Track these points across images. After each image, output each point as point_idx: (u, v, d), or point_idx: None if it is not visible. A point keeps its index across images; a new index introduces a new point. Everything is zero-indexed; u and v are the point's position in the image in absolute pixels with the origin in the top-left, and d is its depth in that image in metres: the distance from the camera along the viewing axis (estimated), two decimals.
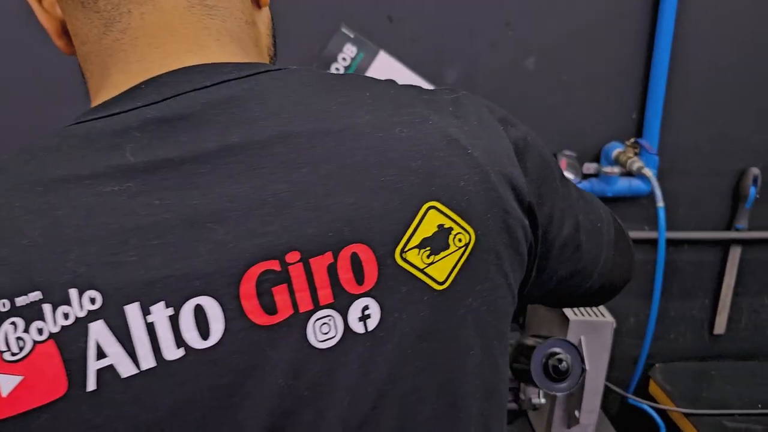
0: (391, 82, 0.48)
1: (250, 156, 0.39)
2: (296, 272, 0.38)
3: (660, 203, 1.10)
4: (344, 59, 1.23)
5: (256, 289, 0.38)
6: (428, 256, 0.41)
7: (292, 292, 0.39)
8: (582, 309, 0.96)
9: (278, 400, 0.39)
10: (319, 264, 0.39)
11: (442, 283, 0.42)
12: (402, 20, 1.22)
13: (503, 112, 0.51)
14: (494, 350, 0.46)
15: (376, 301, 0.40)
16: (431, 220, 0.41)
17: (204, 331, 0.37)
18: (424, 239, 0.41)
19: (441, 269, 0.42)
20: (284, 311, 0.39)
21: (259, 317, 0.38)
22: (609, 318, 0.94)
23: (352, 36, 1.22)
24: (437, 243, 0.42)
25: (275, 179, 0.39)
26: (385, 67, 1.24)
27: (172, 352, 0.37)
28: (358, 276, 0.40)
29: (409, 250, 0.41)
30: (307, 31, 1.21)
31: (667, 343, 1.43)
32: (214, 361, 0.38)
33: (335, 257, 0.39)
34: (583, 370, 0.78)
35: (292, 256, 0.38)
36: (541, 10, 1.21)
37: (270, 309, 0.38)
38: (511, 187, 0.46)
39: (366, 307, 0.40)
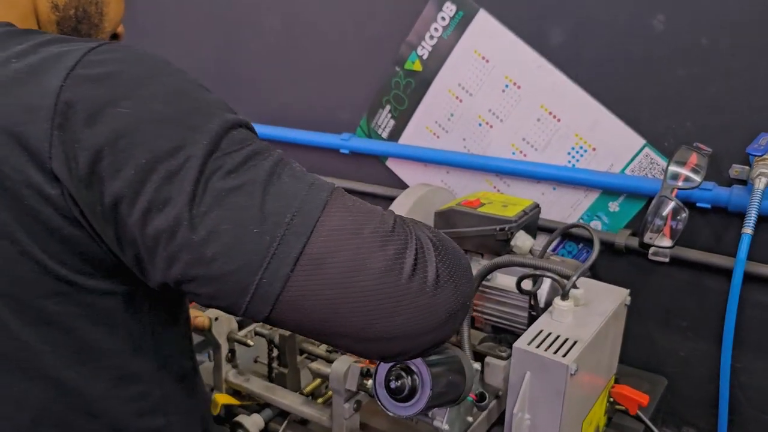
0: (29, 33, 0.50)
1: None
2: None
3: (747, 229, 0.74)
4: (443, 18, 1.14)
5: None
6: None
7: None
8: (538, 340, 0.73)
9: None
10: None
11: None
12: None
13: (109, 70, 0.46)
14: None
15: None
16: None
17: None
18: None
19: None
20: None
21: None
22: (566, 361, 0.70)
23: None
24: None
25: None
26: (485, 26, 1.10)
27: None
28: None
29: None
30: None
31: None
32: None
33: None
34: (431, 397, 0.62)
35: None
36: None
37: None
38: (22, 146, 0.44)
39: None
